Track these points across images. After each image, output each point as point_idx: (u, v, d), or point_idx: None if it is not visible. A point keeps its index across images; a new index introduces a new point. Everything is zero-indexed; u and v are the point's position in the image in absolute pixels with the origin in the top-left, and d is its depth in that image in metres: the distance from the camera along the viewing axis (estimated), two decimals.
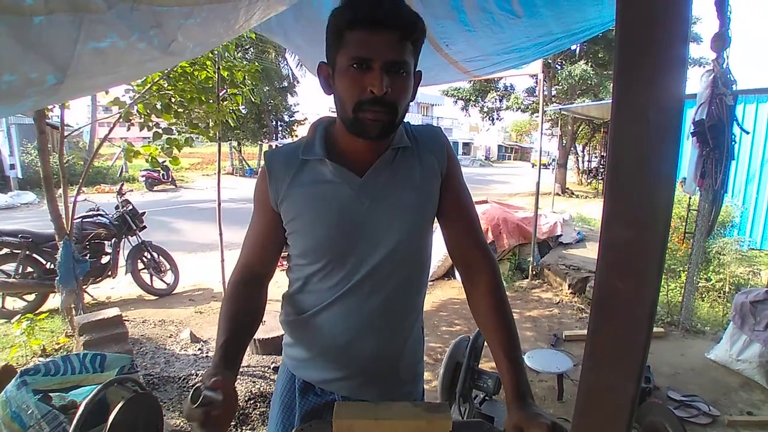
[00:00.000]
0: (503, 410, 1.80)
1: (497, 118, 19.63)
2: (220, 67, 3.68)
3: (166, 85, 3.43)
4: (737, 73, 3.09)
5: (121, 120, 3.45)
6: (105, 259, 4.61)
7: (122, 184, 5.39)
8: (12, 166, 13.15)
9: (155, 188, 15.45)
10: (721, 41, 2.79)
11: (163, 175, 15.37)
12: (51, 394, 1.46)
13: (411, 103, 0.96)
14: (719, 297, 4.74)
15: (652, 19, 0.31)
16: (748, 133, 5.11)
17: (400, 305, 1.01)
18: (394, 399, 1.05)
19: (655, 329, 2.69)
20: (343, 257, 0.96)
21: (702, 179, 3.33)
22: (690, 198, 4.50)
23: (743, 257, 5.41)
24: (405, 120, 1.05)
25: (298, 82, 21.52)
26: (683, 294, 3.99)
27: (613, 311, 0.36)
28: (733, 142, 3.21)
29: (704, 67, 3.48)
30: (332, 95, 0.93)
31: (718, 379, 3.07)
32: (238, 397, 2.66)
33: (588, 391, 0.39)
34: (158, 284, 4.91)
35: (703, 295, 4.74)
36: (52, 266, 4.07)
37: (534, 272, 5.36)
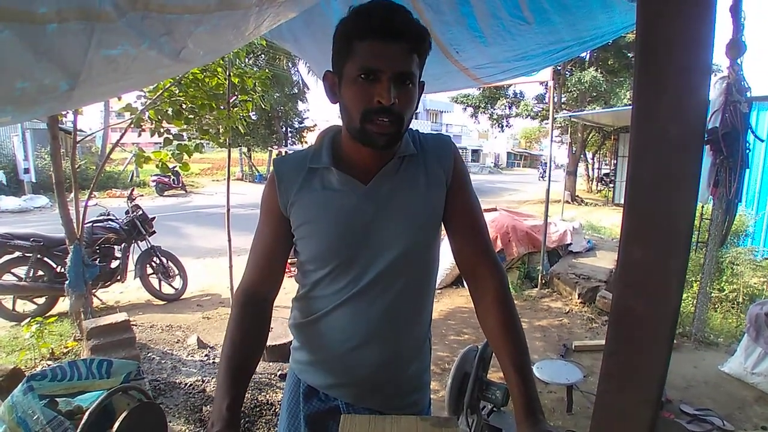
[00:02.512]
0: (512, 422, 1.76)
1: (507, 125, 19.54)
2: (231, 73, 3.71)
3: (177, 92, 3.46)
4: (751, 80, 3.05)
5: (132, 126, 3.49)
6: (114, 264, 4.64)
7: (133, 189, 5.45)
8: (26, 170, 13.37)
9: (166, 193, 15.59)
10: (736, 48, 2.75)
11: (173, 180, 15.52)
12: (57, 399, 1.46)
13: (419, 111, 0.96)
14: (733, 308, 4.65)
15: (674, 27, 0.30)
16: (763, 141, 5.04)
17: (405, 313, 1.01)
18: (400, 408, 1.04)
19: None
20: (348, 263, 0.97)
21: (715, 188, 3.28)
22: (702, 207, 4.43)
23: (757, 267, 5.32)
24: (414, 128, 1.05)
25: (308, 88, 21.66)
26: (696, 304, 3.92)
27: (630, 332, 0.34)
28: (748, 150, 3.16)
29: (717, 74, 3.43)
30: (338, 104, 0.94)
31: (733, 392, 3.00)
32: (244, 405, 2.66)
33: (603, 415, 0.38)
34: (167, 289, 4.94)
35: (716, 306, 4.65)
36: (63, 270, 4.10)
37: (543, 281, 5.30)
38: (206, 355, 3.40)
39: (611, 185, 16.13)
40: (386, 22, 0.83)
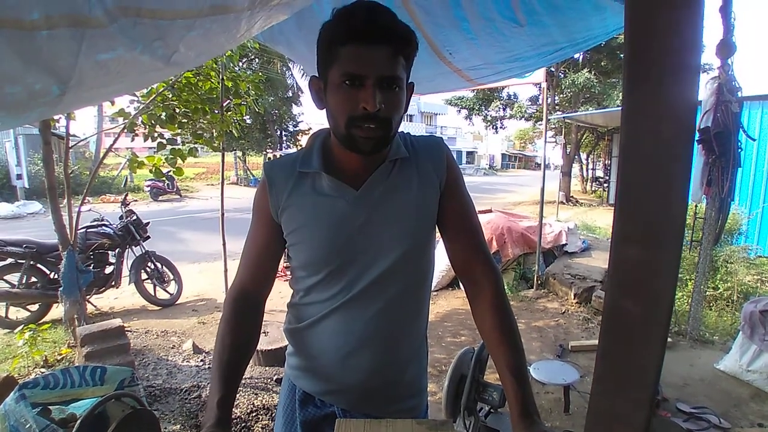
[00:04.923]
0: (509, 423, 1.76)
1: (501, 127, 19.61)
2: (224, 77, 3.70)
3: (170, 96, 3.45)
4: (741, 79, 3.08)
5: (125, 131, 3.47)
6: (108, 270, 4.60)
7: (126, 194, 5.42)
8: (19, 176, 13.28)
9: (160, 198, 15.53)
10: (726, 48, 2.77)
11: (168, 185, 15.45)
12: (51, 407, 1.44)
13: (414, 113, 0.96)
14: (727, 306, 4.68)
15: (663, 27, 0.30)
16: (754, 140, 5.09)
17: (400, 318, 1.00)
18: (397, 413, 1.03)
19: None
20: (341, 270, 0.96)
21: (708, 187, 3.30)
22: (696, 206, 4.46)
23: (751, 265, 5.36)
24: (406, 131, 1.04)
25: (302, 91, 21.64)
26: (690, 303, 3.94)
27: (623, 334, 0.34)
28: (740, 149, 3.18)
29: (709, 74, 3.46)
30: (324, 110, 0.92)
31: (728, 390, 3.01)
32: (241, 409, 2.64)
33: (596, 418, 0.37)
34: (161, 294, 4.90)
35: (711, 304, 4.68)
36: (56, 276, 4.07)
37: (539, 282, 5.31)
38: (202, 361, 3.37)
39: (606, 185, 16.23)
40: (368, 25, 0.80)
